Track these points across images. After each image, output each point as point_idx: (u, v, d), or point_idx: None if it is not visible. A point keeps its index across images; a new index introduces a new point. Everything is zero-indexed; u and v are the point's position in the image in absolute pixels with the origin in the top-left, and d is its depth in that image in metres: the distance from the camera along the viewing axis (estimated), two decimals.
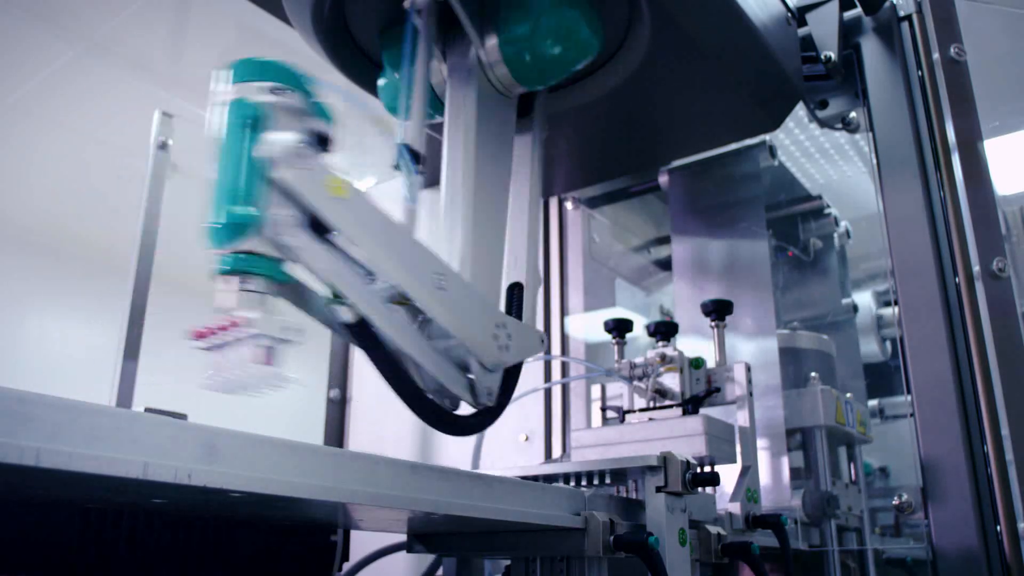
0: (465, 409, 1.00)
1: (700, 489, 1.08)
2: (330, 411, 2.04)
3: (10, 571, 0.81)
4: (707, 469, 1.08)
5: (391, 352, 0.89)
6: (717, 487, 1.13)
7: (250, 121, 0.76)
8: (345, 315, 0.84)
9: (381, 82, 1.23)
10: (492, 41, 1.11)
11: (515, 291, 1.09)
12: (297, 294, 0.83)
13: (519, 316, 1.07)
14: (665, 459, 1.04)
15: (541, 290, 1.91)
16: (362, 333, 0.86)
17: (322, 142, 0.81)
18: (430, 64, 1.09)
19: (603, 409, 1.50)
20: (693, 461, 1.06)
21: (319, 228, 0.80)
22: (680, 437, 1.24)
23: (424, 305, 0.90)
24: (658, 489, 1.03)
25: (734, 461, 1.30)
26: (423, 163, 1.00)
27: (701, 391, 1.39)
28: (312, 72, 0.82)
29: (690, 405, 1.34)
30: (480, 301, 0.99)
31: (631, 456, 1.09)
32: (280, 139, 0.76)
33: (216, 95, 0.79)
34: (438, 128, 1.13)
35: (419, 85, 1.04)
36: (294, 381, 0.76)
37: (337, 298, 0.84)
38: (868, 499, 1.72)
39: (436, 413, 0.94)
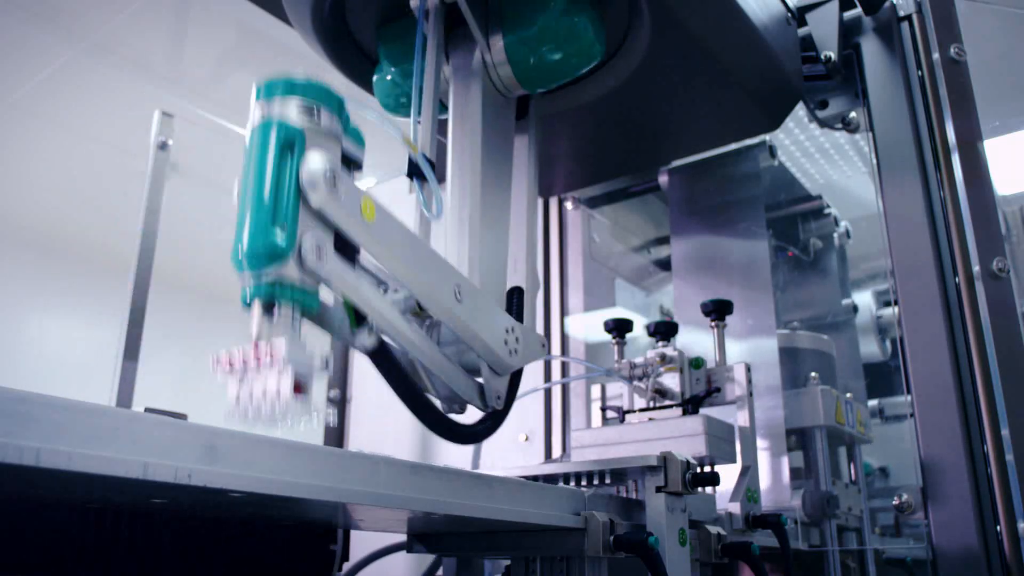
0: (466, 415, 1.00)
1: (700, 489, 1.08)
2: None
3: (10, 571, 0.81)
4: (707, 469, 1.08)
5: (409, 376, 0.90)
6: (717, 487, 1.13)
7: (283, 142, 0.72)
8: (368, 342, 0.83)
9: (375, 77, 1.23)
10: (497, 42, 1.10)
11: (515, 296, 1.09)
12: (319, 315, 0.81)
13: (520, 320, 1.07)
14: (665, 459, 1.04)
15: (540, 291, 1.90)
16: (383, 358, 0.85)
17: (354, 164, 0.79)
18: (439, 72, 1.08)
19: (603, 409, 1.50)
20: (693, 461, 1.06)
21: (344, 249, 0.77)
22: (680, 437, 1.24)
23: (444, 318, 0.90)
24: (658, 489, 1.03)
25: (734, 461, 1.30)
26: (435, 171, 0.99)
27: (701, 391, 1.38)
28: (345, 91, 0.79)
29: (690, 405, 1.34)
30: (492, 307, 0.99)
31: (631, 456, 1.09)
32: (315, 161, 0.72)
33: (249, 114, 0.75)
34: (440, 128, 1.13)
35: (428, 93, 1.03)
36: (324, 411, 0.74)
37: (358, 318, 0.82)
38: (868, 499, 1.72)
39: (452, 428, 0.94)
